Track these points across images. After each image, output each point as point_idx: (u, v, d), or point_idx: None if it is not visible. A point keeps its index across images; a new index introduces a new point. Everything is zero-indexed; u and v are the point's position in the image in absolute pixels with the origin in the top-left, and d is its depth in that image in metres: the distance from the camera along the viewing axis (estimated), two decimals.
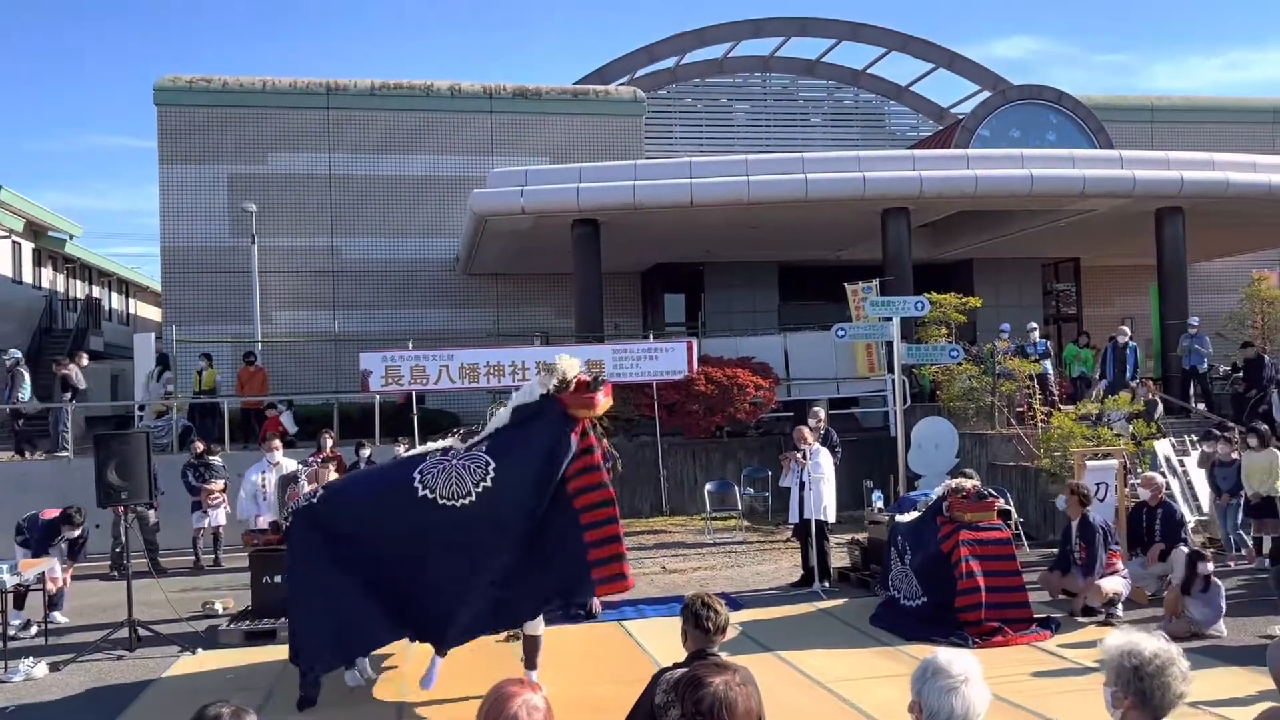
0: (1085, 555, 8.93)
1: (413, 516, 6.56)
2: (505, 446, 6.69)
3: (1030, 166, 16.88)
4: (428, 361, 14.85)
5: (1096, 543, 8.87)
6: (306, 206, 21.61)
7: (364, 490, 7.08)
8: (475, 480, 6.52)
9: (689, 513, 15.22)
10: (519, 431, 6.77)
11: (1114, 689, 3.14)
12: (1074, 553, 9.10)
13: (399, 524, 6.62)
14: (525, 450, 6.64)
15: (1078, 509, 9.16)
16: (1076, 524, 9.14)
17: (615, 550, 6.64)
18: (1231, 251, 23.33)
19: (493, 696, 2.70)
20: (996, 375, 15.73)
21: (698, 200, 16.24)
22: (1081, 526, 9.07)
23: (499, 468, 6.55)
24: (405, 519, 6.60)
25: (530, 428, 6.74)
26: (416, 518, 6.54)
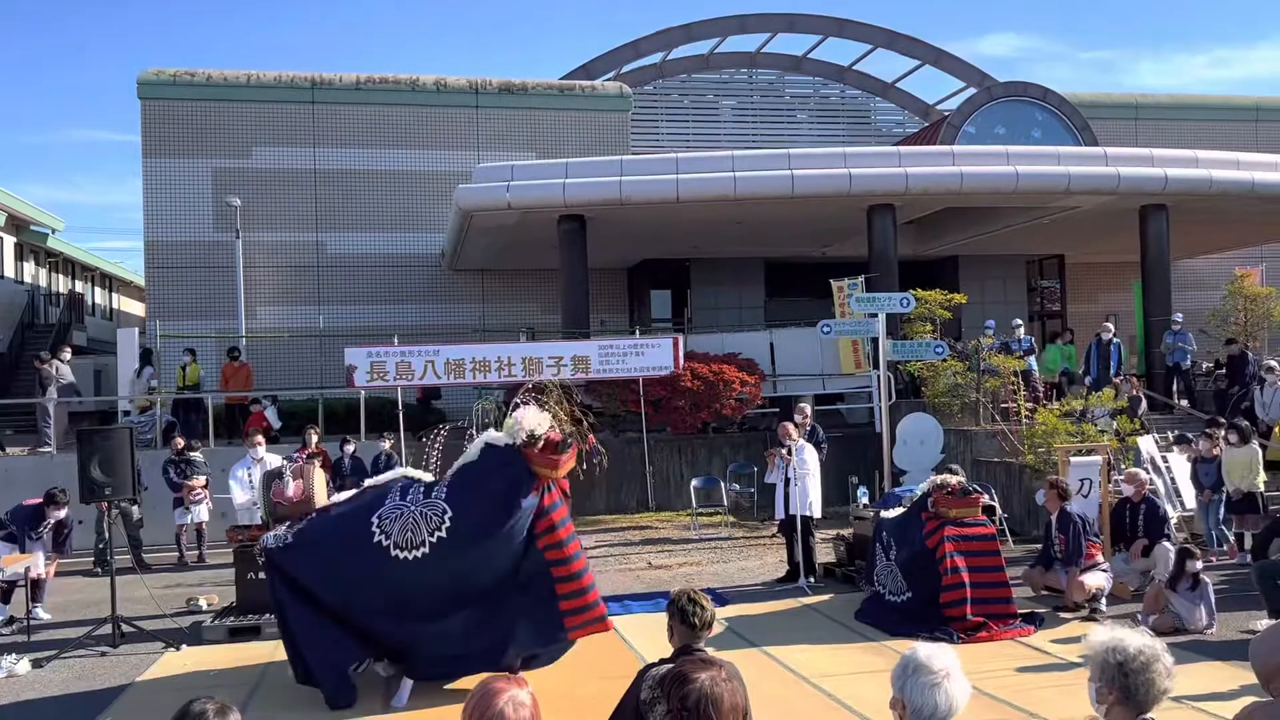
0: (1065, 547, 9.01)
1: (371, 565, 6.62)
2: (464, 493, 6.71)
3: (1015, 163, 16.95)
4: (413, 357, 14.81)
5: (1075, 533, 8.94)
6: (291, 201, 21.50)
7: (324, 539, 6.96)
8: (430, 529, 6.58)
9: (675, 508, 15.23)
10: (480, 477, 6.78)
11: (1098, 684, 3.16)
12: (1054, 546, 9.17)
13: (358, 571, 6.68)
14: (484, 503, 6.66)
15: (1056, 502, 9.25)
16: (1055, 517, 9.23)
17: (587, 600, 6.75)
18: (1214, 249, 23.49)
19: (479, 693, 2.69)
20: (981, 371, 15.79)
21: (684, 196, 16.23)
22: (1060, 519, 9.16)
23: (454, 518, 6.59)
24: (364, 567, 6.65)
25: (491, 477, 6.75)
26: (374, 567, 6.61)
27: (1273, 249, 23.73)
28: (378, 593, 6.63)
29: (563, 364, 15.06)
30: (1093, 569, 8.96)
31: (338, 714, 6.58)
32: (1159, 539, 9.59)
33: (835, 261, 20.45)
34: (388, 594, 6.62)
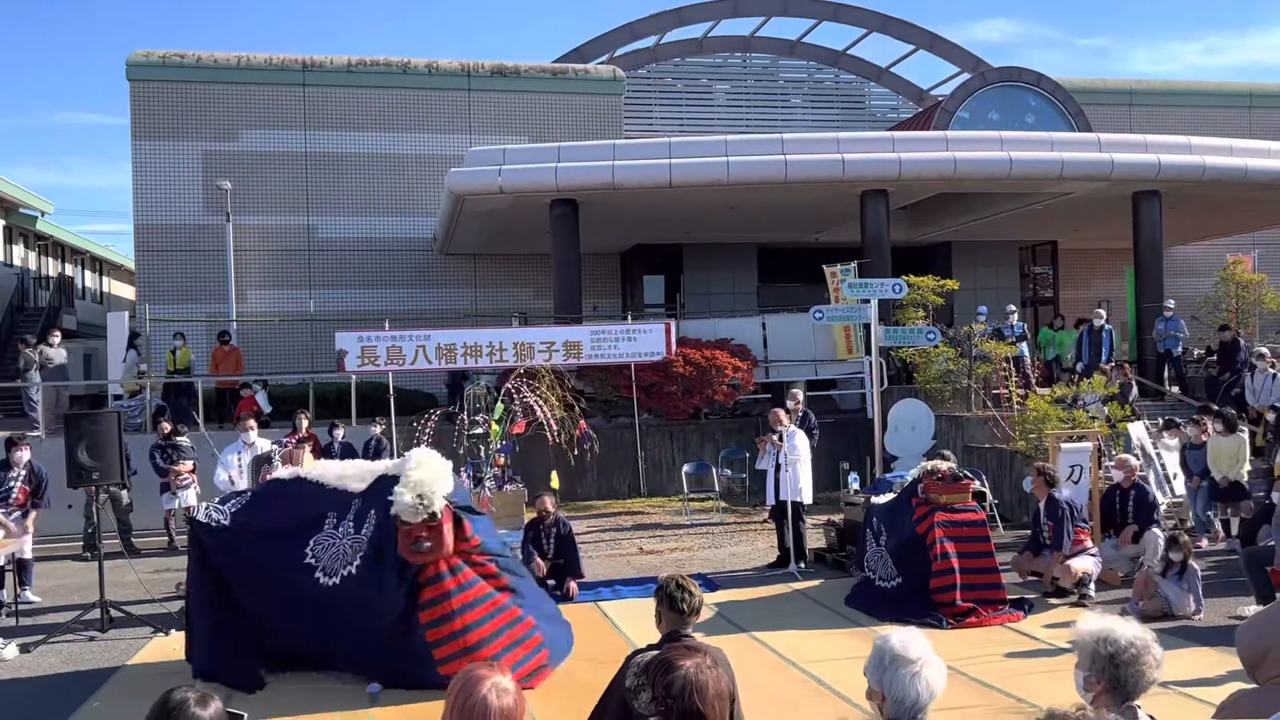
0: (1053, 533, 9.02)
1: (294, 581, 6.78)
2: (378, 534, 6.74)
3: (1009, 149, 16.91)
4: (404, 342, 14.76)
5: (1063, 519, 8.95)
6: (282, 184, 21.39)
7: (255, 541, 7.04)
8: (345, 562, 6.72)
9: (667, 494, 15.23)
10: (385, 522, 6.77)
11: (1087, 673, 3.15)
12: (1043, 533, 9.18)
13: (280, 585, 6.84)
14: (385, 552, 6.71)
15: (1044, 489, 9.26)
16: (1044, 503, 9.23)
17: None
18: (1207, 235, 23.52)
19: (461, 681, 2.67)
20: (973, 358, 15.79)
21: (677, 181, 16.17)
22: (1048, 505, 9.17)
23: (363, 560, 6.69)
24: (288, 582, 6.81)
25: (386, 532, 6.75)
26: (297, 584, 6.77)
27: (1265, 236, 23.78)
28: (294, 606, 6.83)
29: (555, 349, 15.02)
30: (1081, 554, 8.98)
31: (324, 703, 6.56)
32: (1148, 525, 9.61)
33: (828, 247, 20.43)
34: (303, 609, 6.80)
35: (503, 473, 13.20)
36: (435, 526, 6.57)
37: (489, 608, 6.72)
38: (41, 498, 10.00)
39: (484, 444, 12.27)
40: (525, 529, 10.12)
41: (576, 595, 9.37)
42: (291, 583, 6.78)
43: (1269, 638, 3.38)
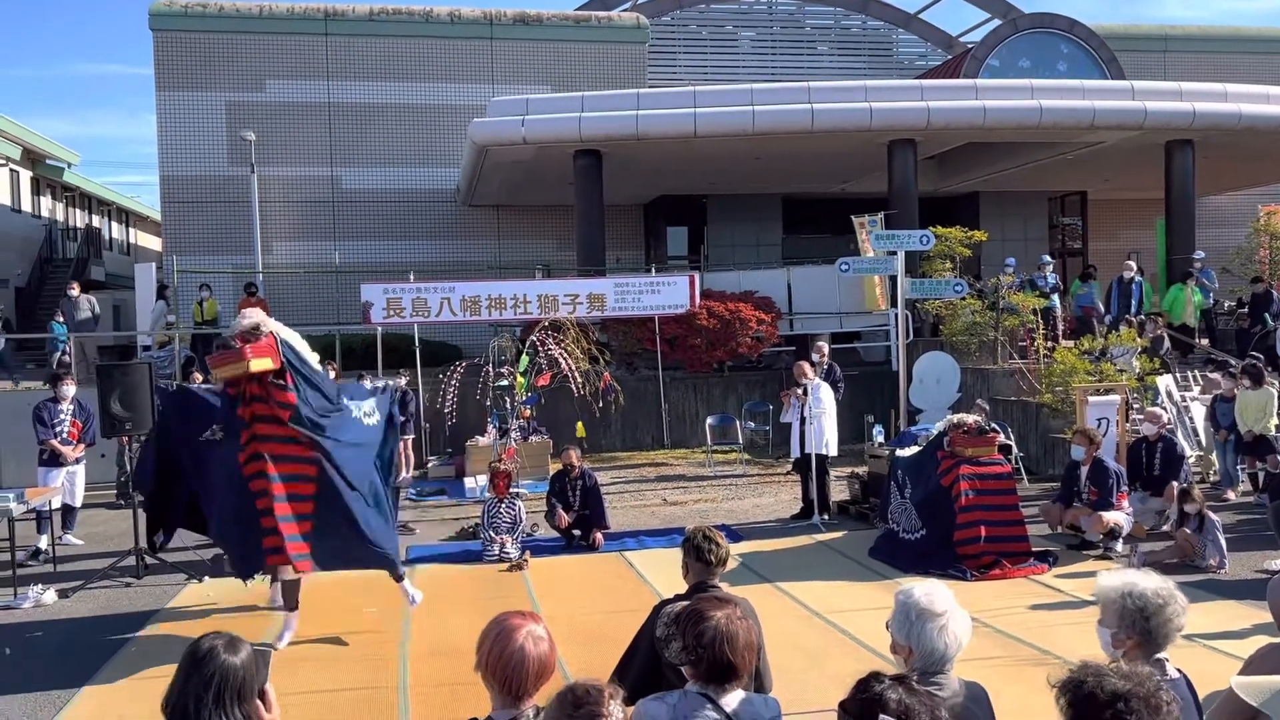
0: (1097, 496, 8.90)
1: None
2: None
3: (1040, 97, 16.61)
4: (429, 294, 14.81)
5: (1111, 487, 8.85)
6: (306, 135, 21.35)
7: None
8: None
9: (690, 446, 15.29)
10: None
11: (1115, 630, 3.15)
12: (1083, 493, 9.07)
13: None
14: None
15: (1091, 452, 9.13)
16: (1089, 467, 9.07)
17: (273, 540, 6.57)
18: (1240, 185, 23.08)
19: (495, 630, 2.72)
20: (1000, 310, 15.66)
21: (701, 131, 16.01)
22: (1095, 469, 9.01)
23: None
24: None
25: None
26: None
27: None
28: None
29: (578, 301, 15.03)
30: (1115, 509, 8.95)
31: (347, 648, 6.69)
32: (1175, 478, 9.58)
33: (854, 198, 20.21)
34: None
35: (528, 424, 13.31)
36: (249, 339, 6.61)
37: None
38: (89, 434, 10.19)
39: (509, 396, 12.35)
40: (550, 481, 10.22)
41: (602, 546, 9.47)
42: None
43: None
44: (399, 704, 5.68)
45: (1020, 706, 4.87)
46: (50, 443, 9.85)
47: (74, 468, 10.09)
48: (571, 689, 2.30)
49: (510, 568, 8.80)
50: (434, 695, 5.76)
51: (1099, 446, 9.26)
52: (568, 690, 2.30)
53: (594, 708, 2.21)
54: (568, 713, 2.22)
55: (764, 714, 2.96)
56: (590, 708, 2.21)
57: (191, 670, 2.55)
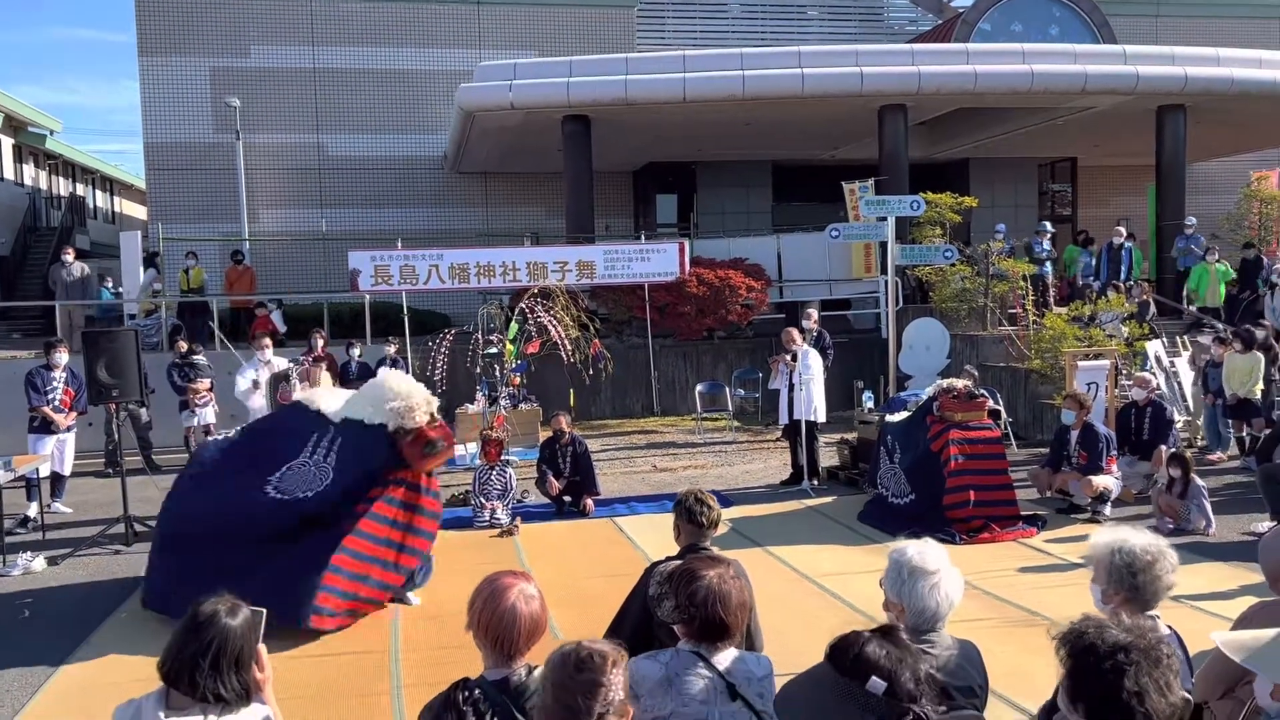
0: (1086, 461, 8.94)
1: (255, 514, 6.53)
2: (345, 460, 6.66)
3: (1031, 62, 16.52)
4: (417, 261, 14.73)
5: (1101, 451, 8.89)
6: (291, 101, 21.12)
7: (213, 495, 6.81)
8: (313, 486, 6.58)
9: (680, 413, 15.30)
10: (358, 447, 6.69)
11: (1104, 586, 3.16)
12: (1073, 457, 9.11)
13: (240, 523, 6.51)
14: (354, 475, 6.62)
15: (1081, 416, 9.17)
16: (1079, 431, 9.11)
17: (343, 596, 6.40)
18: (1230, 151, 23.05)
19: (487, 589, 2.71)
20: (990, 276, 15.66)
21: (691, 96, 15.89)
22: (1084, 434, 9.05)
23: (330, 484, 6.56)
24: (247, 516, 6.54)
25: (365, 451, 6.66)
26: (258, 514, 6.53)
27: None
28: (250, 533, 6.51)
29: (568, 269, 14.96)
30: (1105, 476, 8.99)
31: None
32: (1163, 442, 9.63)
33: (844, 164, 20.13)
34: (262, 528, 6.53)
35: (518, 392, 13.29)
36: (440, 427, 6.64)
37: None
38: (81, 402, 10.11)
39: (499, 363, 12.31)
40: (540, 447, 10.20)
41: (593, 511, 9.48)
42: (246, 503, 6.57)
43: None
44: (390, 667, 5.69)
45: (1011, 666, 4.91)
46: (43, 410, 9.77)
47: (64, 436, 10.03)
48: (576, 650, 2.23)
49: (501, 533, 8.81)
50: (426, 658, 5.77)
51: (1089, 411, 9.29)
52: (571, 651, 2.23)
53: (594, 675, 2.16)
54: (569, 674, 2.18)
55: (756, 672, 2.96)
56: (590, 674, 2.16)
57: (190, 633, 2.55)
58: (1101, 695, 2.09)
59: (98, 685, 5.42)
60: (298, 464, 6.74)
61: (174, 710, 2.50)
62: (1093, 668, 2.11)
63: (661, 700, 2.83)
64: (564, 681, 2.17)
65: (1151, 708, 2.04)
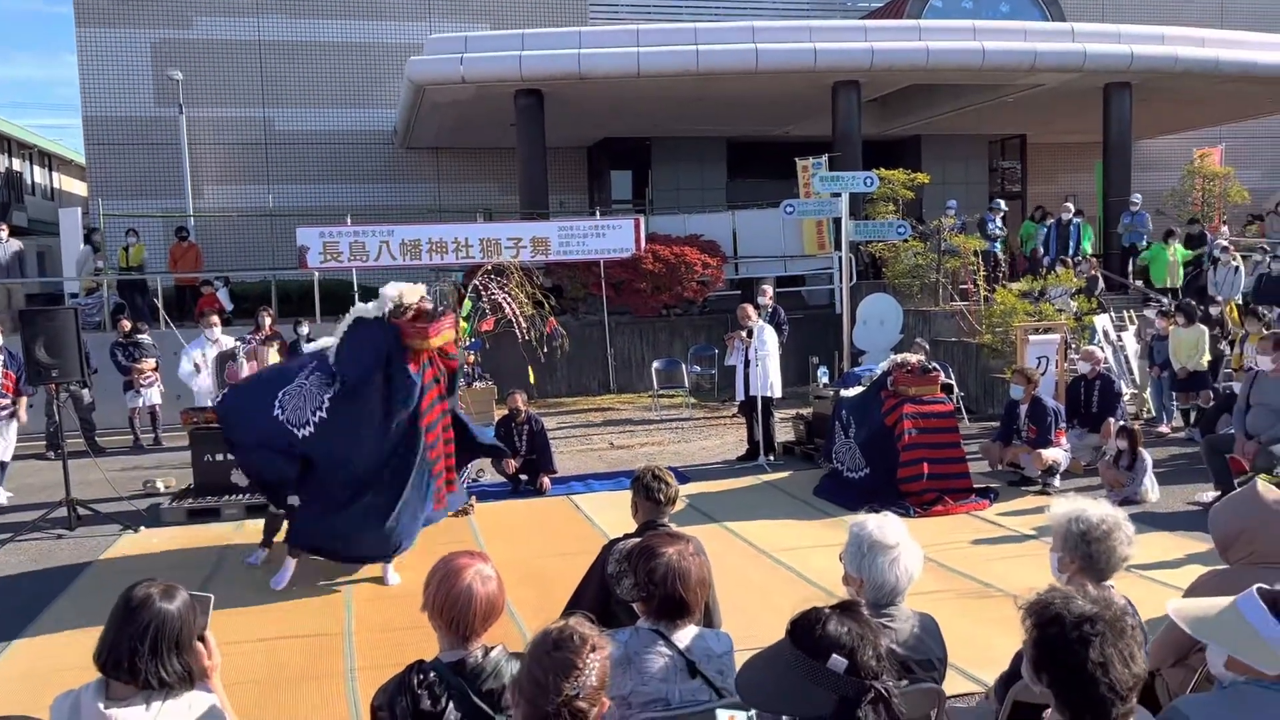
0: (1036, 434, 9.04)
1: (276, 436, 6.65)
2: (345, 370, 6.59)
3: (982, 39, 16.61)
4: (367, 238, 14.51)
5: (1050, 425, 8.99)
6: (236, 75, 20.64)
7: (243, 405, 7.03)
8: (313, 409, 6.52)
9: (636, 390, 15.27)
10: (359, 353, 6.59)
11: (1060, 554, 3.19)
12: (1023, 431, 9.21)
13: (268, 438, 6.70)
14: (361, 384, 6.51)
15: (1030, 390, 9.26)
16: (1028, 405, 9.20)
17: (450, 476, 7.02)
18: (1174, 129, 23.41)
19: (442, 570, 2.65)
20: (942, 252, 15.78)
21: (645, 70, 15.77)
22: (1033, 407, 9.15)
23: (333, 399, 6.50)
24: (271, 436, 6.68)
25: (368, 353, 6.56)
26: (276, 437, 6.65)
27: (1231, 129, 23.70)
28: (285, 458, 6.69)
29: (521, 245, 14.83)
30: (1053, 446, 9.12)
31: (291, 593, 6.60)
32: (1111, 415, 9.78)
33: (798, 141, 20.13)
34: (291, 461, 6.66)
35: (472, 370, 13.16)
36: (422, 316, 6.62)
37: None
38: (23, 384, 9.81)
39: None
40: (496, 426, 10.11)
41: (549, 490, 9.43)
42: (275, 436, 6.64)
43: (1239, 522, 3.45)
44: (344, 649, 5.61)
45: (966, 638, 4.95)
46: None
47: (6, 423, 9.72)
48: (558, 628, 2.18)
49: (456, 513, 8.71)
50: (380, 639, 5.70)
51: (1037, 385, 9.41)
52: (554, 629, 2.18)
53: (569, 654, 2.10)
54: (545, 650, 2.13)
55: (715, 649, 2.94)
56: (566, 653, 2.10)
57: (125, 619, 2.46)
58: (1066, 665, 2.09)
59: (38, 673, 5.28)
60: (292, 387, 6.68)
61: (114, 700, 2.42)
62: (1058, 638, 2.11)
63: (620, 679, 2.80)
64: (538, 657, 2.12)
65: (1115, 678, 2.04)
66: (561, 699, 2.05)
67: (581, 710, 2.08)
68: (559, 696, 2.05)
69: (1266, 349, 8.16)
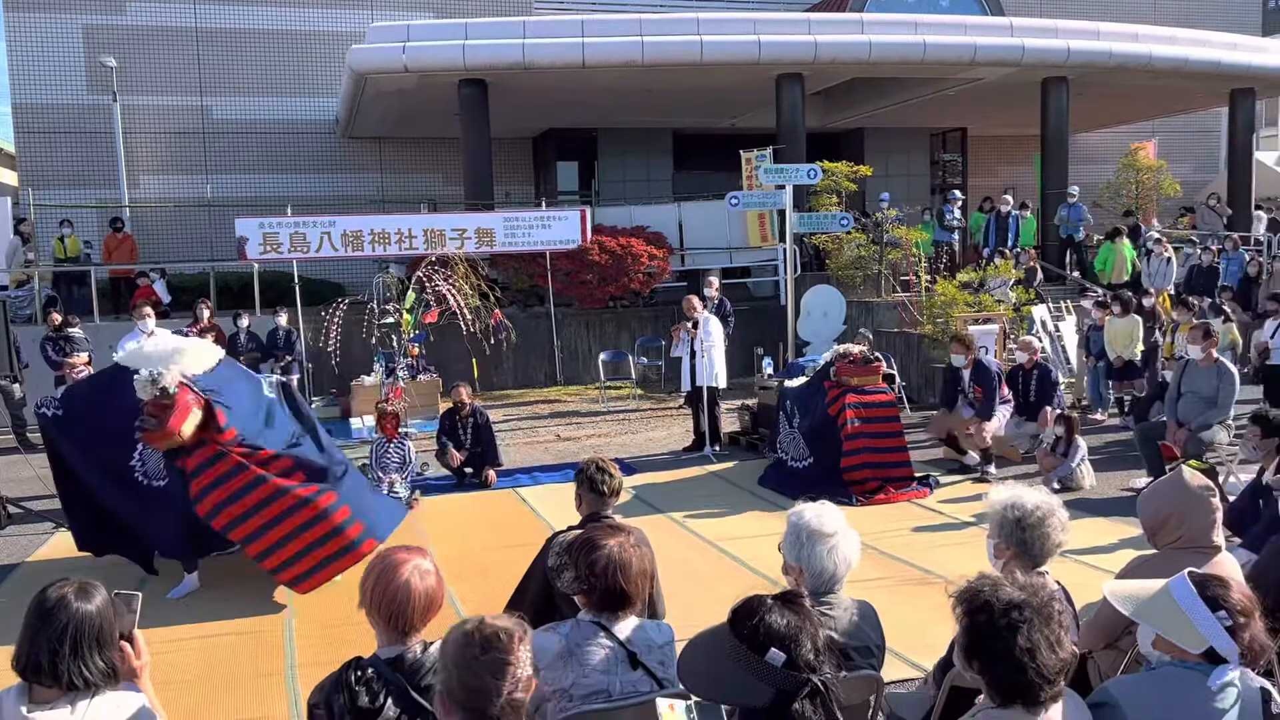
0: (983, 399, 9.20)
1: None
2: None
3: (924, 33, 16.83)
4: (308, 228, 14.28)
5: (993, 386, 9.16)
6: (172, 62, 20.16)
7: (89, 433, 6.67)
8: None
9: (583, 382, 15.24)
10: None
11: (996, 540, 3.25)
12: (968, 393, 9.38)
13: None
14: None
15: (969, 356, 9.44)
16: (971, 370, 9.39)
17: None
18: (1110, 123, 23.93)
19: (380, 565, 2.63)
20: (884, 244, 15.96)
21: (590, 61, 15.72)
22: (976, 370, 9.33)
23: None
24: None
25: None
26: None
27: (1165, 123, 24.31)
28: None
29: (466, 236, 14.71)
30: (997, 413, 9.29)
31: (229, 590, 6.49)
32: (1049, 404, 9.97)
33: (743, 133, 20.22)
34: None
35: (416, 363, 13.04)
36: (165, 405, 6.12)
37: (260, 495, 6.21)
38: None
39: (396, 334, 12.05)
40: (440, 419, 10.04)
41: (495, 483, 9.38)
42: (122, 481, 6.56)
43: (1166, 507, 3.54)
44: (284, 646, 5.54)
45: (904, 624, 5.02)
46: None
47: None
48: (479, 629, 2.10)
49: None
50: (320, 635, 5.63)
51: (974, 350, 9.56)
52: (474, 630, 2.11)
53: (501, 654, 2.06)
54: (474, 655, 2.07)
55: (657, 640, 2.95)
56: (498, 654, 2.06)
57: (41, 622, 2.39)
58: (995, 652, 2.13)
59: None
60: None
61: (37, 704, 2.36)
62: (987, 625, 2.15)
63: (561, 672, 2.80)
64: (469, 663, 2.07)
65: (1042, 663, 2.09)
66: (504, 700, 2.04)
67: (519, 701, 2.07)
68: (501, 698, 2.04)
69: (1196, 338, 8.38)
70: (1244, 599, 2.46)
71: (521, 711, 2.08)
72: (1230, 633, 2.40)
